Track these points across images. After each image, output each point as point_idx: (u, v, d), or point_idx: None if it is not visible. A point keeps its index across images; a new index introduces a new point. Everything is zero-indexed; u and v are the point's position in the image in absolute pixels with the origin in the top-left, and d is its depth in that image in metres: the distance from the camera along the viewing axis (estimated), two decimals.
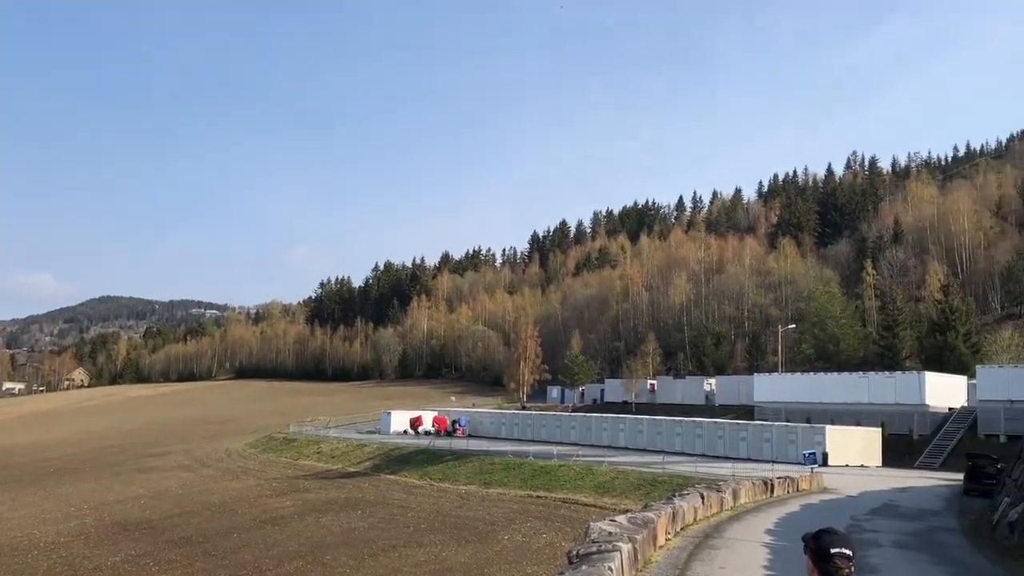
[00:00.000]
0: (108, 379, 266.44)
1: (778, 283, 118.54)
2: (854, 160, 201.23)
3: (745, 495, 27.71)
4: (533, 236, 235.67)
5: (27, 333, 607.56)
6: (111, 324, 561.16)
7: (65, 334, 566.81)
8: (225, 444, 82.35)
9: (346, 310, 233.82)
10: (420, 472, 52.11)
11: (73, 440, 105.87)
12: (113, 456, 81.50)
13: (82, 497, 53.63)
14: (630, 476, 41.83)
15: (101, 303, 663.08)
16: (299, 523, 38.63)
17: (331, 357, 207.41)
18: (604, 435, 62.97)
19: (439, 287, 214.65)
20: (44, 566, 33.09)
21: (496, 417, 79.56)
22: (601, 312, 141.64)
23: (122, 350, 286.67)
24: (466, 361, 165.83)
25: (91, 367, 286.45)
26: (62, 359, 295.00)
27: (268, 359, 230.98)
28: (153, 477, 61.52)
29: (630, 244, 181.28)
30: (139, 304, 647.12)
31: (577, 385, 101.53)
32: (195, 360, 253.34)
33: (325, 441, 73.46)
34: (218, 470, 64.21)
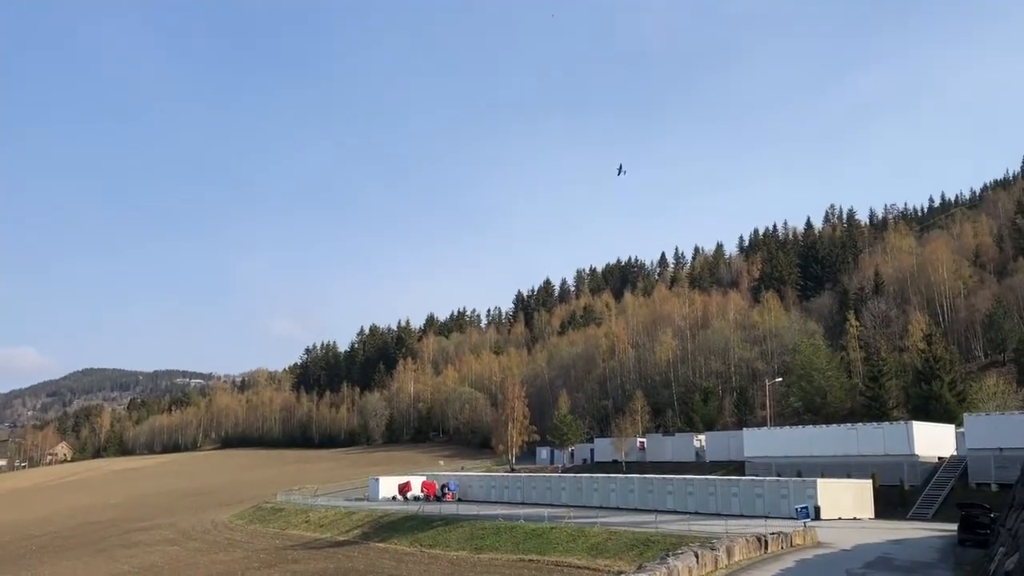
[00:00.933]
0: (92, 452, 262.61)
1: (763, 337, 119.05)
2: (832, 213, 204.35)
3: (740, 552, 27.54)
4: (517, 296, 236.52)
5: (9, 408, 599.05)
6: (95, 396, 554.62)
7: (48, 408, 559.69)
8: (211, 515, 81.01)
9: (332, 375, 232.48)
10: (410, 539, 51.40)
11: (56, 517, 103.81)
12: (97, 532, 79.95)
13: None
14: (623, 537, 41.43)
15: (84, 375, 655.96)
16: None
17: (318, 423, 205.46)
18: (595, 495, 62.44)
19: (425, 349, 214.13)
20: None
21: (485, 480, 78.77)
22: (588, 370, 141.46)
23: (105, 423, 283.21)
24: (454, 424, 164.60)
25: (74, 441, 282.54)
26: (45, 433, 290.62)
27: (254, 427, 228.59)
28: (138, 552, 60.38)
29: (614, 301, 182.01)
30: (123, 375, 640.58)
31: (566, 445, 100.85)
32: (180, 431, 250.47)
33: (313, 510, 72.43)
34: (204, 543, 63.08)
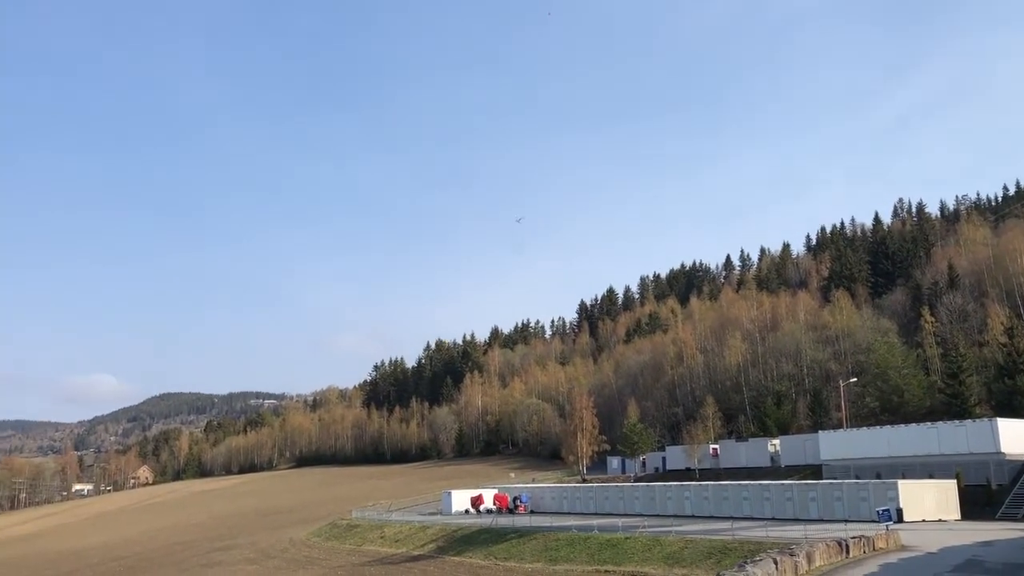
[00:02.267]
0: (172, 475, 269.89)
1: (835, 337, 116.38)
2: (901, 207, 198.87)
3: (820, 558, 26.95)
4: (581, 305, 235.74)
5: (93, 434, 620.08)
6: (172, 420, 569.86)
7: (129, 433, 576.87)
8: (289, 534, 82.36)
9: (401, 391, 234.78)
10: (485, 552, 51.50)
11: (141, 538, 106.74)
12: (180, 552, 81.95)
13: None
14: (699, 545, 40.89)
15: (162, 400, 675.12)
16: None
17: (389, 439, 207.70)
18: (669, 504, 61.79)
19: (491, 362, 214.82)
20: None
21: (557, 491, 78.54)
22: (656, 378, 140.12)
23: (184, 446, 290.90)
24: (522, 436, 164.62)
25: (155, 464, 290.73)
26: (127, 458, 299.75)
27: (327, 445, 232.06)
28: (220, 572, 61.68)
29: (680, 307, 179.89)
30: (199, 399, 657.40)
31: (637, 454, 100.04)
32: (256, 451, 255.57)
33: (388, 525, 73.10)
34: (283, 560, 64.16)
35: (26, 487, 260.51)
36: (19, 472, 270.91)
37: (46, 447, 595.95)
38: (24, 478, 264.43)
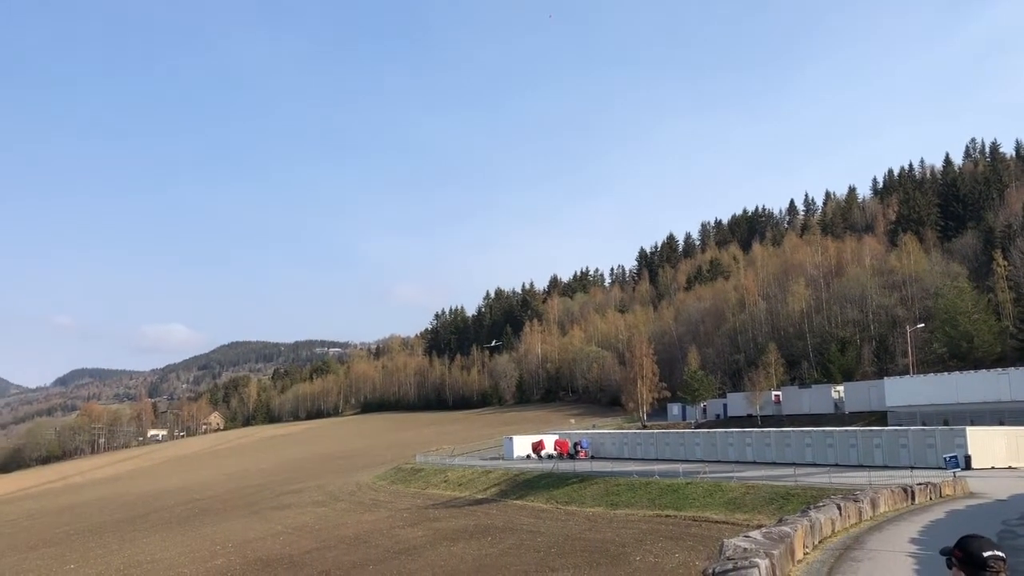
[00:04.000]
0: (242, 421, 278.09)
1: (902, 282, 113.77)
2: (973, 148, 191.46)
3: (885, 504, 26.73)
4: (640, 253, 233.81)
5: (166, 382, 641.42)
6: (241, 368, 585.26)
7: (199, 380, 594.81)
8: (355, 478, 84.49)
9: (462, 339, 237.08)
10: (546, 496, 52.24)
11: (214, 481, 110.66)
12: (251, 495, 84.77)
13: (226, 536, 55.97)
14: (761, 491, 40.88)
15: (231, 349, 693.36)
16: (431, 552, 39.27)
17: (451, 386, 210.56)
18: (730, 450, 61.71)
19: (550, 311, 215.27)
20: None
21: (618, 437, 78.96)
22: (717, 325, 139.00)
23: (253, 393, 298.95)
24: (582, 383, 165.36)
25: (225, 410, 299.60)
26: (198, 405, 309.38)
27: (391, 392, 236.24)
28: (289, 513, 63.67)
29: (742, 253, 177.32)
30: (266, 347, 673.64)
31: (698, 401, 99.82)
32: (322, 398, 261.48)
33: (451, 469, 74.52)
34: (350, 503, 65.92)
35: (105, 432, 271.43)
36: (98, 418, 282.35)
37: (122, 394, 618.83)
38: (103, 424, 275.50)
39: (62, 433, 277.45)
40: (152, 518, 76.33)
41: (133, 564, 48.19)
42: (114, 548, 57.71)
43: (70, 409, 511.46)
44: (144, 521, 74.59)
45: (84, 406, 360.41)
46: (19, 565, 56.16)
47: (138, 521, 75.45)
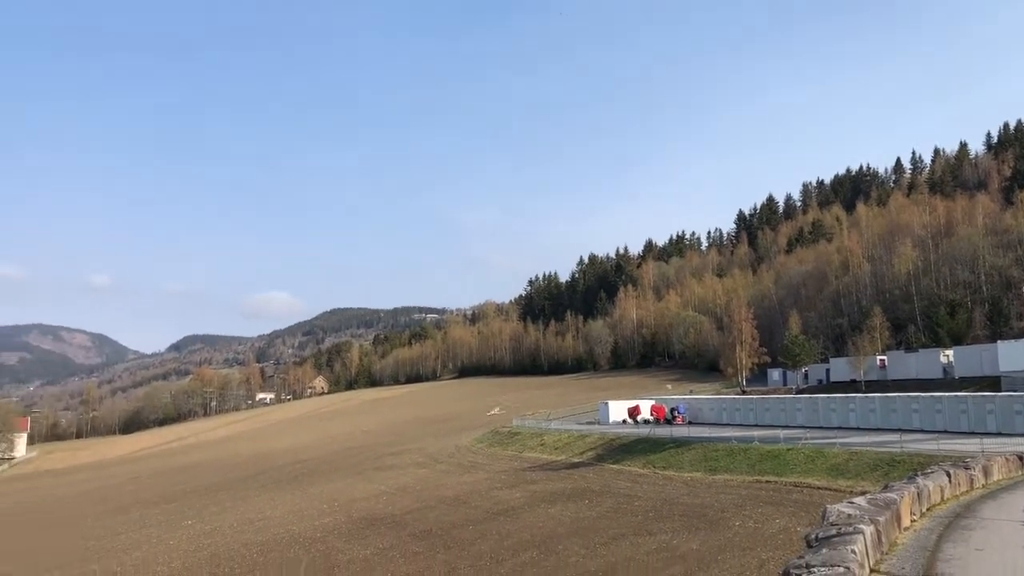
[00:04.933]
0: (345, 385, 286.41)
1: (1018, 241, 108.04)
2: None
3: (998, 472, 25.69)
4: (739, 215, 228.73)
5: (272, 347, 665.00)
6: (343, 334, 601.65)
7: (304, 346, 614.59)
8: (454, 440, 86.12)
9: (556, 305, 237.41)
10: (643, 461, 52.19)
11: (319, 443, 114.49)
12: (355, 456, 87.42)
13: (332, 495, 57.96)
14: (865, 457, 39.88)
15: (332, 315, 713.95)
16: (529, 514, 39.81)
17: (545, 352, 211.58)
18: (833, 416, 60.25)
19: (645, 276, 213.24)
20: (306, 559, 36.14)
21: (716, 403, 78.06)
22: (819, 289, 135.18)
23: (355, 358, 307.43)
24: (679, 348, 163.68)
25: (329, 374, 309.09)
26: (303, 369, 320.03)
27: (487, 357, 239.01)
28: (391, 475, 65.44)
29: (845, 214, 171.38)
30: (366, 313, 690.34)
31: (799, 366, 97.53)
32: (420, 362, 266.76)
33: (547, 433, 75.13)
34: (450, 465, 67.29)
35: (216, 396, 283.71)
36: (209, 382, 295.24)
37: (231, 359, 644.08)
38: (214, 388, 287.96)
39: (177, 396, 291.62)
40: (261, 478, 79.61)
41: (245, 521, 50.45)
42: (227, 506, 60.49)
43: (183, 374, 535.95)
44: (254, 481, 77.88)
45: (196, 371, 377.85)
46: (144, 519, 59.52)
47: (249, 481, 78.81)
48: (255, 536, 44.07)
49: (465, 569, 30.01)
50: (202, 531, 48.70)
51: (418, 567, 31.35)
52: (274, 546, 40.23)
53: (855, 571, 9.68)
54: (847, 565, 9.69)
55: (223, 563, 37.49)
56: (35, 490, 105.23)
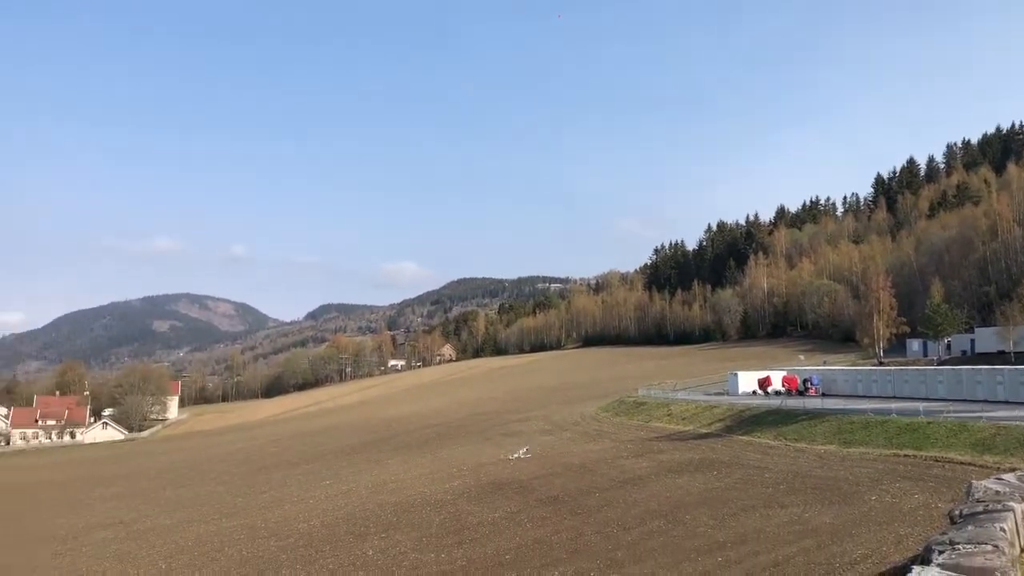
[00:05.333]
0: (471, 353, 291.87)
1: None
2: None
3: None
4: (877, 179, 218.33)
5: (402, 316, 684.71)
6: (469, 303, 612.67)
7: (432, 315, 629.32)
8: (579, 409, 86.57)
9: (682, 274, 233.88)
10: (774, 432, 51.10)
11: (447, 409, 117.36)
12: (481, 422, 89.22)
13: (460, 459, 59.44)
14: (1013, 432, 37.75)
15: (459, 284, 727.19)
16: (656, 483, 39.73)
17: (671, 321, 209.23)
18: (978, 388, 57.19)
19: (776, 243, 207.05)
20: (437, 520, 37.30)
21: (851, 374, 75.35)
22: (964, 255, 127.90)
23: (481, 326, 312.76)
24: (811, 318, 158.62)
25: (456, 342, 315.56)
26: (432, 337, 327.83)
27: (611, 326, 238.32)
28: (518, 441, 66.45)
29: (994, 176, 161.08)
30: (491, 283, 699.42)
31: (941, 336, 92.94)
32: (544, 331, 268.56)
33: (674, 403, 74.49)
34: (575, 433, 67.77)
35: (350, 362, 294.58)
36: (344, 349, 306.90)
37: (364, 327, 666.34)
38: (348, 354, 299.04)
39: (314, 362, 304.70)
40: (393, 441, 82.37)
41: (379, 483, 52.40)
42: (362, 468, 62.93)
43: (320, 341, 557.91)
44: (387, 444, 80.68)
45: (332, 338, 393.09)
46: (285, 479, 62.72)
47: (381, 443, 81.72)
48: (388, 497, 45.75)
49: (592, 535, 30.31)
50: (339, 491, 50.91)
51: (545, 532, 31.87)
52: (407, 507, 41.67)
53: (1004, 550, 9.27)
54: (996, 543, 9.29)
55: (359, 522, 39.14)
56: (187, 450, 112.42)
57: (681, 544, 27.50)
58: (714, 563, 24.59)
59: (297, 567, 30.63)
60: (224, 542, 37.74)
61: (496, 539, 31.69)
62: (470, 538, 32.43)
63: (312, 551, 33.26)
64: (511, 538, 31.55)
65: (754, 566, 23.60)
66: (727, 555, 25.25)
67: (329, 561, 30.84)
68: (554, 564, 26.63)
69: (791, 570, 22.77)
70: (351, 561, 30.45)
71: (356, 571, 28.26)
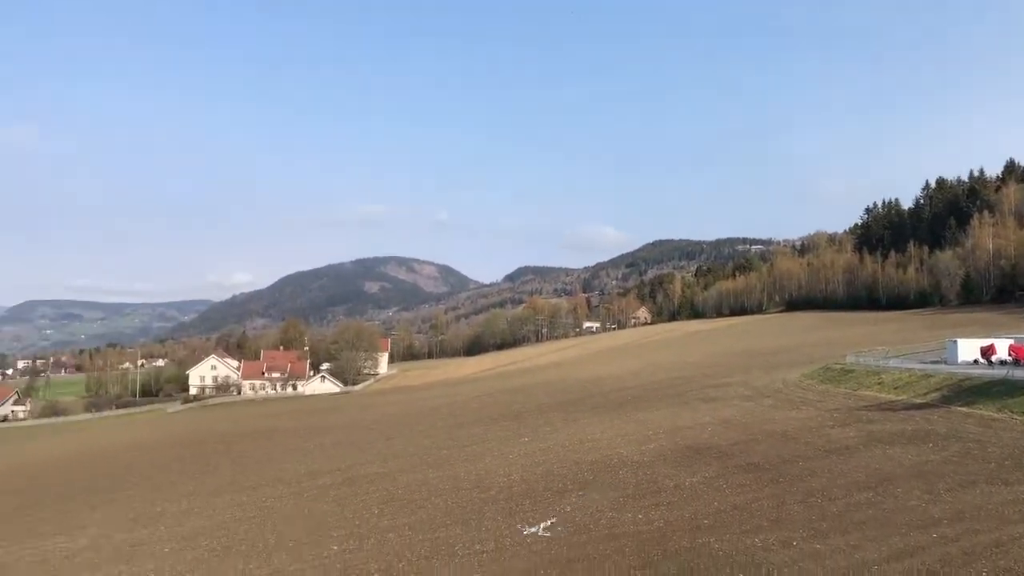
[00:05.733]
0: (667, 316, 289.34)
1: None
2: None
3: None
4: None
5: (596, 278, 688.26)
6: (664, 266, 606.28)
7: (627, 277, 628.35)
8: (781, 375, 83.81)
9: (896, 235, 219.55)
10: (998, 405, 47.32)
11: (642, 371, 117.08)
12: (677, 386, 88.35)
13: (656, 422, 59.27)
14: None
15: (655, 247, 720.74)
16: (864, 454, 37.97)
17: (884, 285, 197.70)
18: None
19: (1005, 201, 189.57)
20: (634, 481, 37.54)
21: None
22: None
23: (677, 289, 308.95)
24: None
25: (651, 305, 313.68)
26: (627, 300, 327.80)
27: (817, 290, 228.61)
28: (715, 406, 65.36)
29: None
30: (688, 245, 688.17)
31: None
32: (744, 295, 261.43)
33: (885, 371, 70.48)
34: (776, 400, 65.74)
35: (546, 323, 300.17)
36: (541, 311, 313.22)
37: (559, 289, 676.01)
38: (544, 316, 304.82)
39: (512, 323, 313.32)
40: (589, 402, 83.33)
41: (575, 441, 53.32)
42: (559, 426, 64.22)
43: (517, 302, 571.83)
44: (583, 404, 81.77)
45: (529, 300, 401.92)
46: (485, 433, 65.18)
47: (576, 404, 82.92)
48: (585, 456, 46.49)
49: (794, 504, 29.50)
50: (537, 448, 52.30)
51: (745, 499, 31.33)
52: (603, 466, 42.19)
53: None
54: None
55: (556, 478, 40.09)
56: (396, 404, 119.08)
57: (891, 518, 26.24)
58: (928, 539, 23.33)
59: (499, 518, 31.88)
60: (431, 491, 39.86)
61: (694, 503, 31.53)
62: (667, 501, 32.45)
63: (512, 504, 34.49)
64: (709, 503, 31.28)
65: (973, 545, 22.19)
66: (942, 532, 23.87)
67: (528, 515, 31.87)
68: (754, 531, 26.18)
69: (1017, 551, 21.23)
70: (551, 516, 31.32)
71: (555, 527, 29.04)
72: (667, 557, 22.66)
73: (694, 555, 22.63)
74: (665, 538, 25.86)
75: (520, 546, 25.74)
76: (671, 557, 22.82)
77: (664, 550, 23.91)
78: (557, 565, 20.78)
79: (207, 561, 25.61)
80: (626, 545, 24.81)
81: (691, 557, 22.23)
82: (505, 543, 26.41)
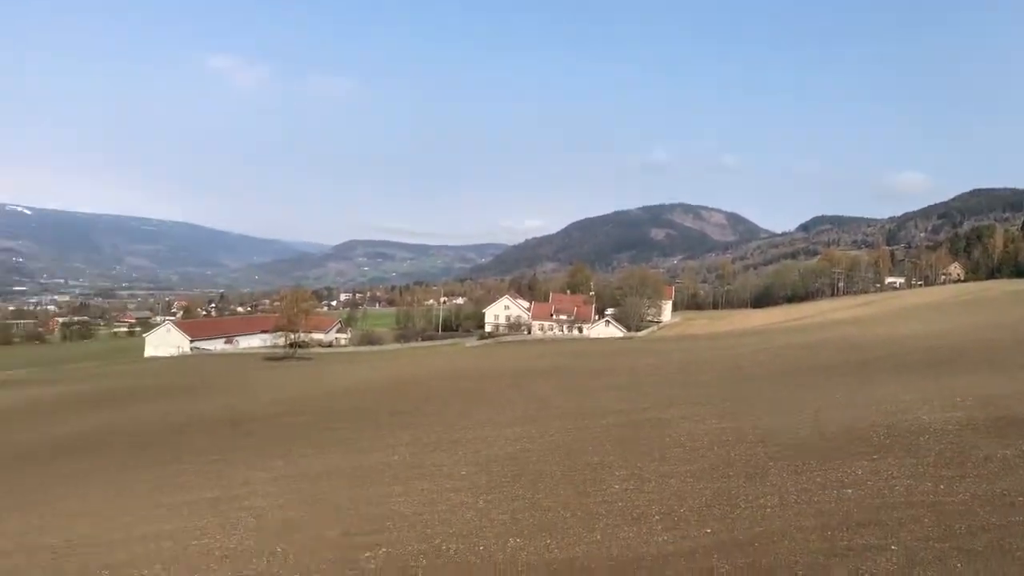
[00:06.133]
0: (984, 273, 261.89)
1: None
2: None
3: None
4: None
5: (903, 230, 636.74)
6: (984, 217, 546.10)
7: (938, 229, 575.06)
8: None
9: None
10: None
11: (951, 332, 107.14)
12: (992, 350, 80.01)
13: (964, 388, 54.13)
14: None
15: (972, 197, 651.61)
16: None
17: None
18: None
19: None
20: (936, 449, 34.75)
21: None
22: None
23: (998, 243, 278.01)
24: None
25: (966, 261, 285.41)
26: (937, 254, 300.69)
27: None
28: None
29: None
30: (1014, 195, 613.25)
31: None
32: None
33: None
34: None
35: (843, 277, 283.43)
36: (837, 263, 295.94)
37: (859, 241, 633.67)
38: (842, 269, 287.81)
39: (805, 275, 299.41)
40: (888, 361, 77.90)
41: (870, 402, 50.31)
42: (853, 388, 60.75)
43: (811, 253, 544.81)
44: (880, 364, 76.63)
45: (824, 251, 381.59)
46: (773, 390, 63.45)
47: (873, 363, 77.85)
48: (880, 419, 43.74)
49: None
50: (825, 407, 50.14)
51: None
52: (900, 431, 39.48)
53: None
54: None
55: (847, 440, 38.21)
56: (679, 351, 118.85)
57: None
58: None
59: (784, 475, 31.20)
60: (713, 441, 39.67)
61: (1007, 478, 28.71)
62: (974, 473, 29.83)
63: (799, 462, 33.54)
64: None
65: None
66: None
67: (816, 475, 30.89)
68: None
69: None
70: (838, 479, 30.10)
71: (844, 488, 27.93)
72: (973, 533, 21.00)
73: (1006, 533, 20.79)
74: (971, 512, 23.87)
75: (807, 504, 25.04)
76: (977, 534, 21.12)
77: (969, 525, 22.14)
78: (847, 528, 20.04)
79: (500, 487, 27.53)
80: (924, 515, 23.22)
81: (1002, 536, 20.44)
82: (790, 500, 25.81)
